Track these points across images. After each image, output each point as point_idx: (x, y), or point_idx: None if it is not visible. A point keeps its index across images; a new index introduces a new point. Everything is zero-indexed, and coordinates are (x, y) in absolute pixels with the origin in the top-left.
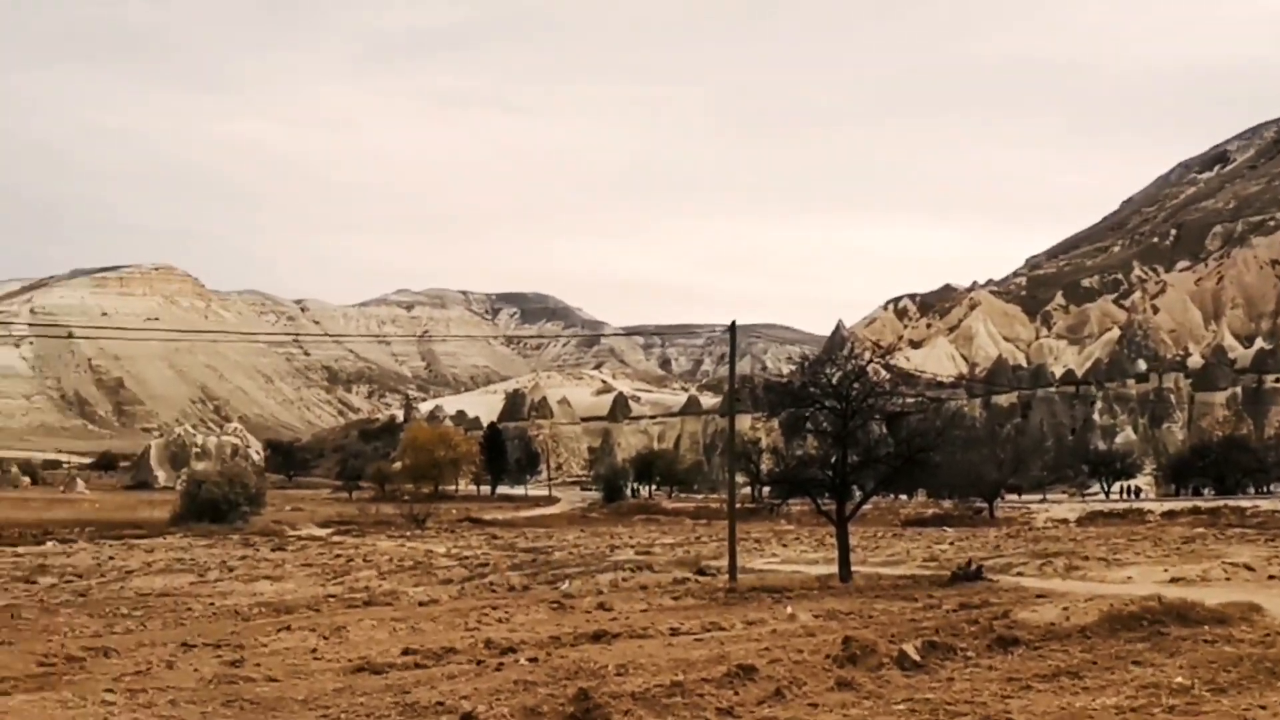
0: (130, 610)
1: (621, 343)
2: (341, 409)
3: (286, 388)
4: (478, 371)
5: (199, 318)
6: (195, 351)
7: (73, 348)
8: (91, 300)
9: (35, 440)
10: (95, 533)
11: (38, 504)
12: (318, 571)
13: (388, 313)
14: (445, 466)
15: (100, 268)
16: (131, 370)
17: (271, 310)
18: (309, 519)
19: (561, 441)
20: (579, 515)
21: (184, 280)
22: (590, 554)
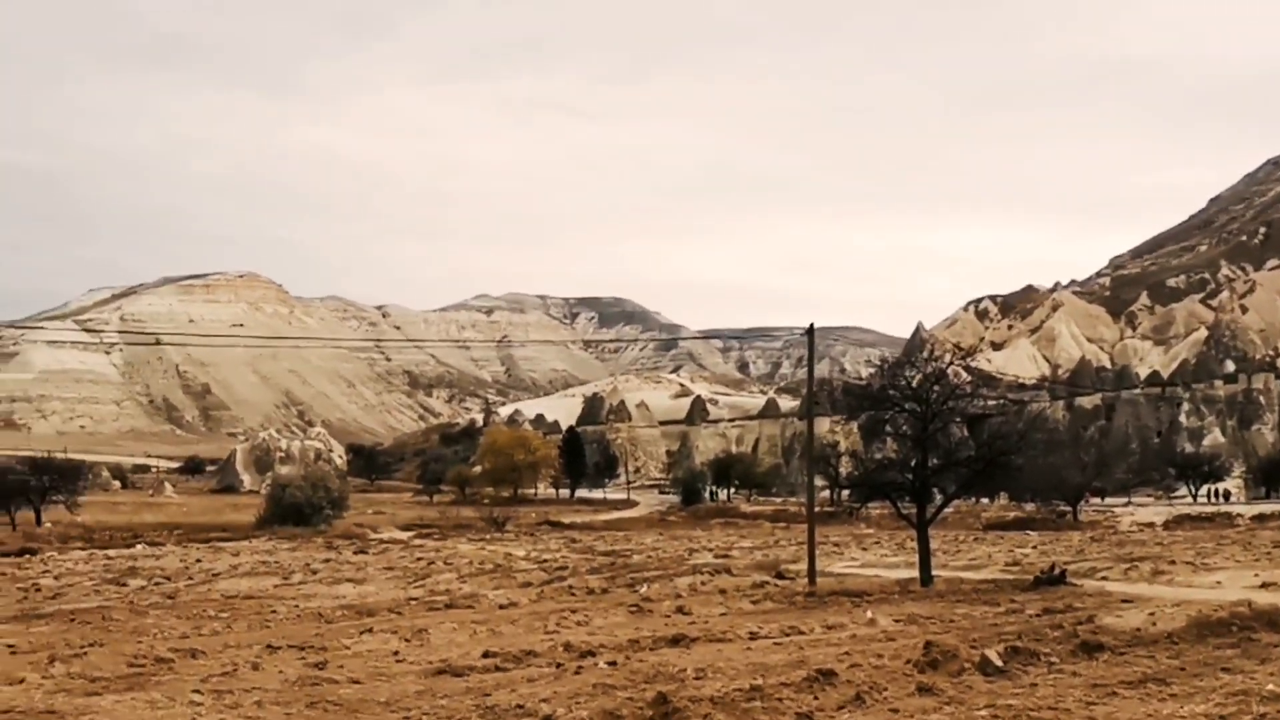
0: (217, 612)
1: (699, 346)
2: (422, 413)
3: (368, 392)
4: (556, 375)
5: (283, 324)
6: (279, 357)
7: (161, 354)
8: (179, 307)
9: (125, 445)
10: (183, 536)
11: (128, 507)
12: (399, 574)
13: (467, 318)
14: (524, 470)
15: (187, 275)
16: (217, 376)
17: (353, 316)
18: (390, 522)
19: (639, 445)
20: (657, 518)
21: (268, 287)
22: (668, 557)
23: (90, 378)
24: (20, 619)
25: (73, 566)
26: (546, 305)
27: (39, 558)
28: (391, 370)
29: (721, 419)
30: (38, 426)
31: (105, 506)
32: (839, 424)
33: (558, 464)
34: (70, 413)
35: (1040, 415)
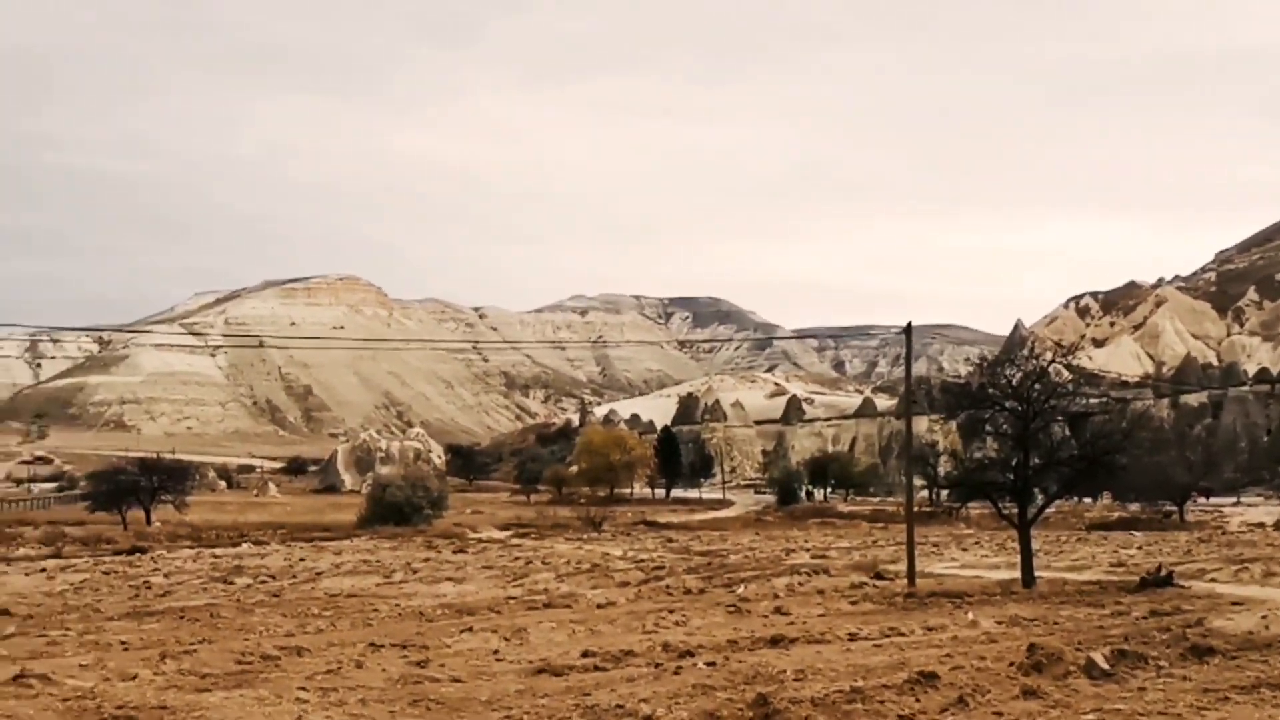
0: (320, 610)
1: (794, 345)
2: (519, 413)
3: (466, 393)
4: (651, 375)
5: (382, 326)
6: (379, 359)
7: (264, 356)
8: (281, 310)
9: (230, 445)
10: (287, 535)
11: (233, 507)
12: (498, 573)
13: (563, 318)
14: (620, 470)
15: (289, 279)
16: (319, 377)
17: (451, 318)
18: (488, 521)
19: (735, 444)
20: (753, 518)
21: (368, 290)
22: (765, 557)
23: (196, 380)
24: (132, 616)
25: (181, 565)
26: (641, 306)
27: (149, 556)
28: (488, 371)
29: (817, 418)
30: (147, 428)
31: (212, 506)
32: (937, 423)
33: (653, 464)
34: (178, 414)
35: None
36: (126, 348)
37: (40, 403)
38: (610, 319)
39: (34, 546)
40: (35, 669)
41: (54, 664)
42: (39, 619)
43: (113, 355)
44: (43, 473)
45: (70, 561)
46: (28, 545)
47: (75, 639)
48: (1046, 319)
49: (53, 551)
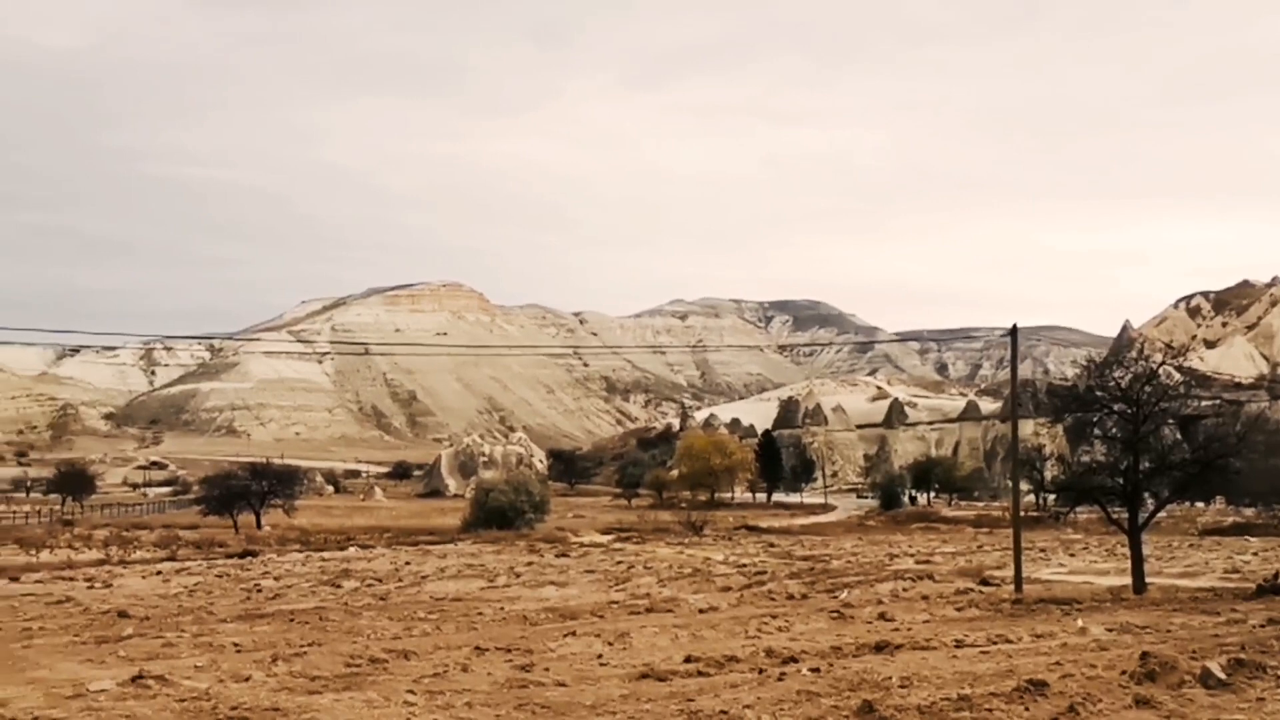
0: (426, 614)
1: (896, 348)
2: (619, 417)
3: (567, 398)
4: (751, 379)
5: (485, 332)
6: (481, 364)
7: (369, 363)
8: (386, 317)
9: (337, 450)
10: (392, 539)
11: (340, 511)
12: (600, 578)
13: (663, 323)
14: (721, 474)
15: (393, 286)
16: (423, 383)
17: (552, 323)
18: (590, 526)
19: (836, 448)
20: (856, 523)
21: (470, 296)
22: (869, 563)
23: (304, 386)
24: (244, 618)
25: (290, 568)
26: (741, 309)
27: (259, 559)
28: (589, 376)
29: (920, 422)
30: (256, 433)
31: (319, 510)
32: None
33: (754, 468)
34: (286, 420)
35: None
36: (237, 355)
37: (155, 409)
38: (710, 323)
39: (150, 550)
40: (153, 670)
41: (170, 665)
42: (155, 621)
43: (224, 363)
44: (157, 477)
45: (184, 564)
46: (144, 548)
47: (190, 641)
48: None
49: (168, 555)
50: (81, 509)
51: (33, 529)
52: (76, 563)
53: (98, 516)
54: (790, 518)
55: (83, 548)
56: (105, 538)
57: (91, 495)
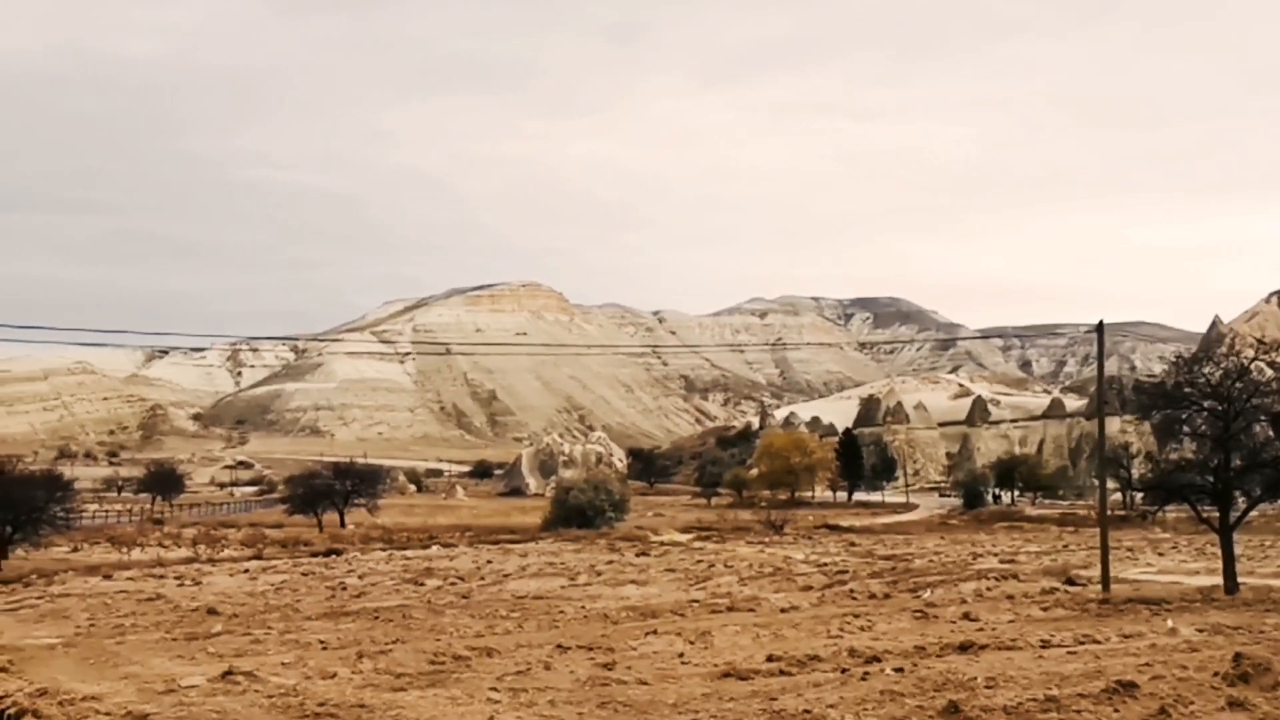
0: (508, 612)
1: (978, 345)
2: (698, 416)
3: (646, 397)
4: (831, 377)
5: (564, 331)
6: (560, 364)
7: (450, 363)
8: (466, 317)
9: (418, 450)
10: (474, 537)
11: (422, 510)
12: (680, 576)
13: (741, 321)
14: (801, 473)
15: (473, 286)
16: (503, 383)
17: (630, 323)
18: (670, 525)
19: (918, 447)
20: (938, 522)
21: (549, 296)
22: (952, 562)
23: (386, 386)
24: (330, 616)
25: (374, 566)
26: (820, 307)
27: (344, 558)
28: (668, 375)
29: (1003, 419)
30: (340, 433)
31: (402, 509)
32: (1131, 423)
33: (834, 466)
34: (369, 420)
35: None
36: (320, 356)
37: (240, 409)
38: (789, 321)
39: (237, 548)
40: (242, 666)
41: (258, 661)
42: (243, 618)
43: (307, 363)
44: (243, 477)
45: (271, 563)
46: (231, 547)
47: (277, 638)
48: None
49: (254, 553)
50: (170, 508)
51: (124, 528)
52: (166, 561)
53: (186, 515)
54: (871, 516)
55: (172, 546)
56: (194, 536)
57: (180, 494)
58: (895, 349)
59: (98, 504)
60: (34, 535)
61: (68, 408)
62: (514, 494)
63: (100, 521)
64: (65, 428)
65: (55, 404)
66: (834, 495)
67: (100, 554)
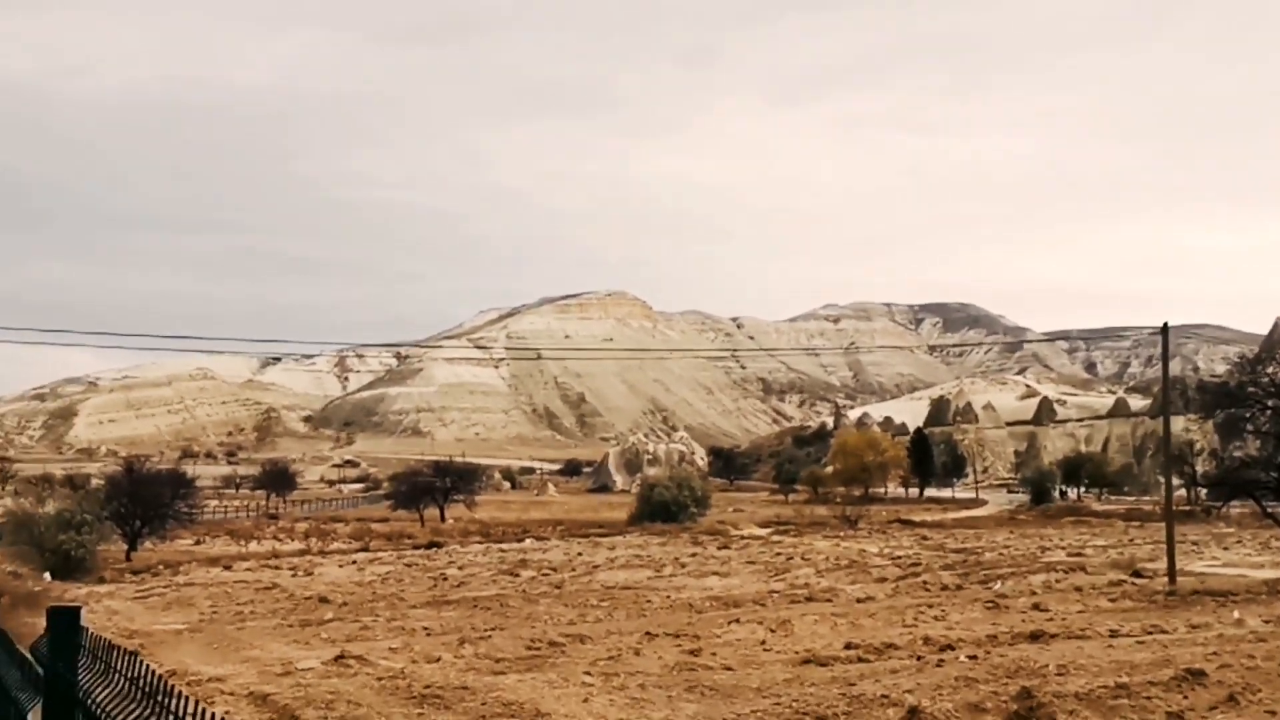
0: (598, 601)
1: (1044, 348)
2: (775, 417)
3: (725, 398)
4: (902, 379)
5: (647, 337)
6: (645, 368)
7: (542, 368)
8: (556, 325)
9: (512, 449)
10: (565, 531)
11: (517, 506)
12: (760, 568)
13: (816, 326)
14: (874, 470)
15: (563, 296)
16: (591, 386)
17: (710, 328)
18: (749, 520)
19: (987, 445)
20: (1007, 517)
21: (634, 304)
22: (1021, 555)
23: (482, 390)
24: (432, 604)
25: (473, 558)
26: (892, 312)
27: (444, 550)
28: (746, 378)
29: (1069, 419)
30: (439, 434)
31: (498, 505)
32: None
33: (906, 464)
34: (466, 421)
35: None
36: (421, 362)
37: (348, 412)
38: (862, 326)
39: (345, 541)
40: (352, 651)
41: (368, 646)
42: (353, 606)
43: (409, 369)
44: (351, 475)
45: (377, 555)
46: (340, 540)
47: (384, 625)
48: None
49: (361, 546)
50: (284, 504)
51: (242, 522)
52: (281, 553)
53: (298, 511)
54: (943, 512)
55: (286, 539)
56: (306, 530)
57: (293, 491)
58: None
59: (218, 500)
60: (160, 529)
61: (190, 411)
62: (602, 490)
63: (220, 517)
64: (188, 430)
65: (179, 408)
66: (906, 492)
67: (221, 546)
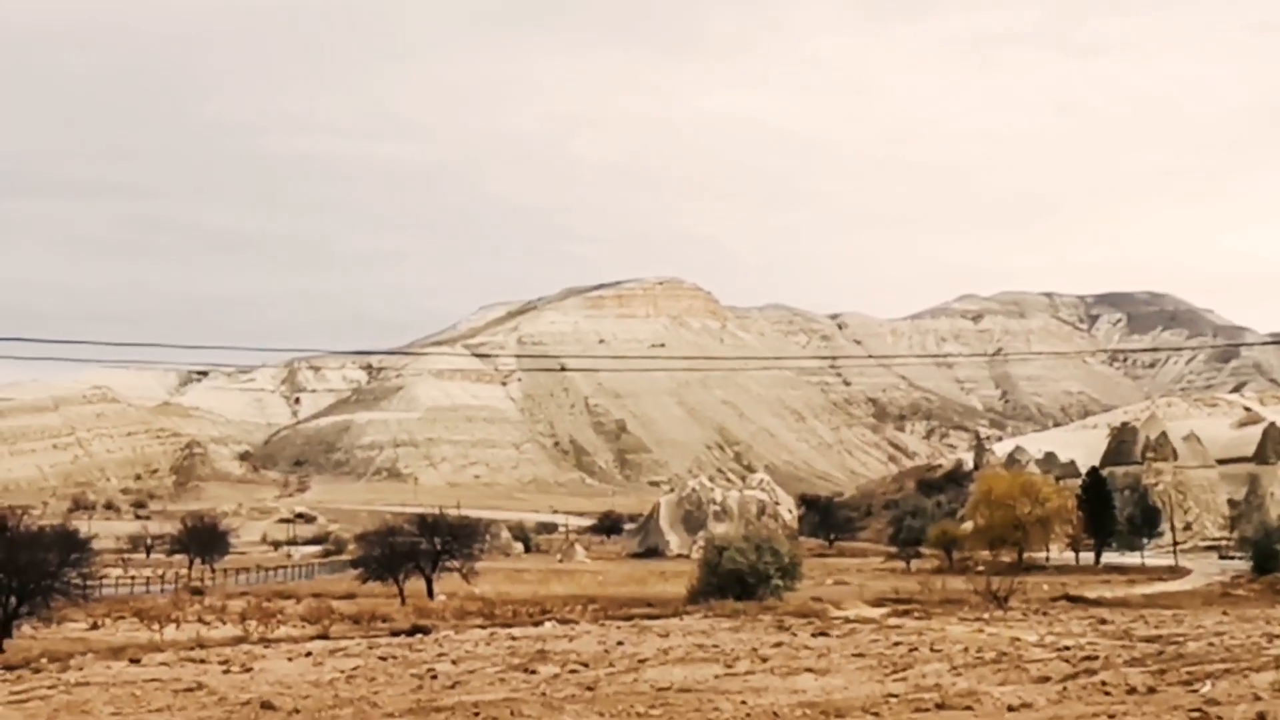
0: (647, 709)
1: (1271, 355)
2: (892, 453)
3: (822, 426)
4: (1070, 400)
5: (713, 341)
6: (709, 384)
7: (565, 384)
8: (586, 325)
9: (526, 498)
10: (599, 611)
11: (533, 576)
12: (873, 663)
13: (949, 326)
14: (1031, 527)
15: (594, 285)
16: (635, 410)
17: (801, 329)
18: (857, 595)
19: (1190, 492)
20: (1220, 592)
21: (694, 295)
22: (1239, 645)
23: (484, 415)
24: (416, 712)
25: (472, 649)
26: (1054, 306)
27: (433, 637)
28: (851, 397)
29: None
30: (425, 476)
31: (506, 574)
32: None
33: (1076, 518)
34: (462, 459)
35: None
36: (400, 377)
37: (299, 447)
38: (1013, 325)
39: (297, 625)
40: None
41: None
42: (307, 714)
43: (383, 387)
44: (304, 533)
45: (340, 644)
46: (289, 623)
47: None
48: None
49: (319, 631)
50: (213, 573)
51: (155, 599)
52: (209, 641)
53: (232, 583)
54: (1128, 585)
55: (215, 622)
56: (243, 610)
57: (224, 556)
58: (1157, 360)
59: (121, 568)
60: (44, 608)
61: (83, 445)
62: (650, 555)
63: (125, 591)
64: (81, 471)
65: (68, 441)
66: (1076, 557)
67: (126, 632)
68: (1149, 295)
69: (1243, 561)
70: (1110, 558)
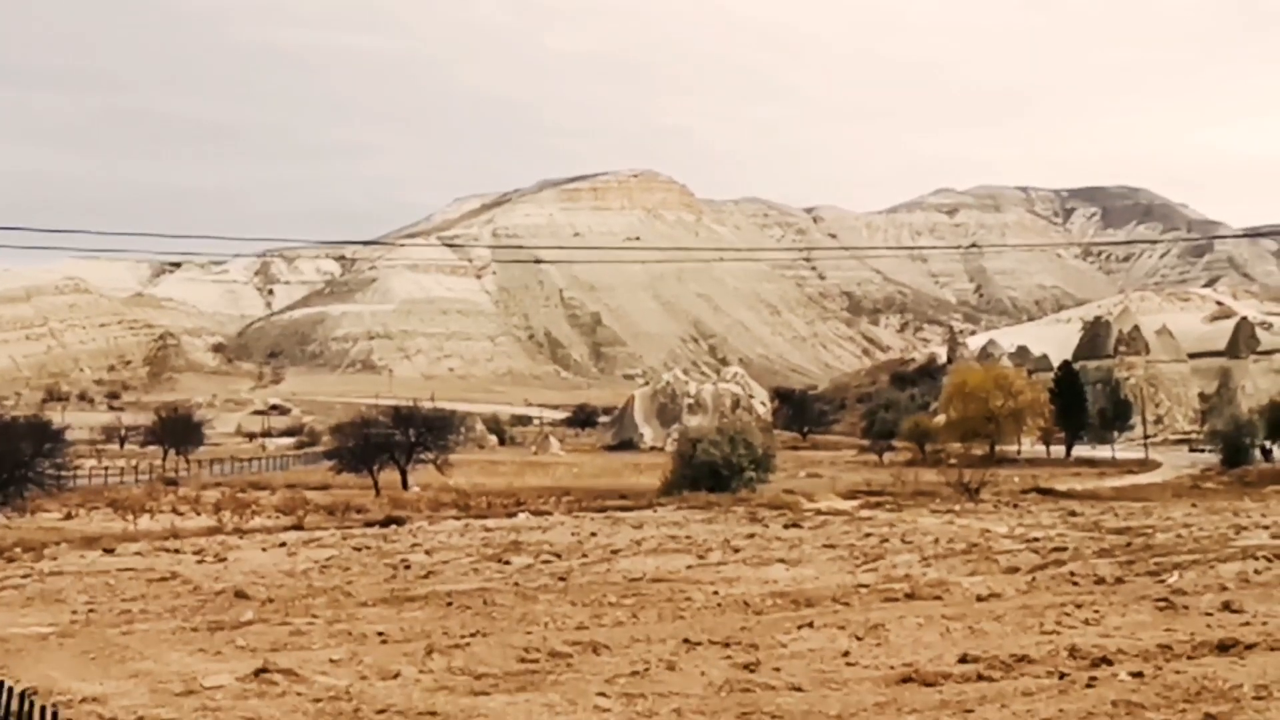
0: (619, 598)
1: (1244, 250)
2: (866, 346)
3: (796, 320)
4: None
5: (688, 234)
6: (684, 277)
7: (541, 277)
8: (561, 218)
9: (502, 391)
10: (573, 503)
11: (507, 468)
12: (844, 554)
13: (924, 220)
14: (1003, 420)
15: (570, 178)
16: (609, 303)
17: (777, 222)
18: (829, 488)
19: (1161, 386)
20: (1188, 484)
21: (669, 188)
22: (1207, 536)
23: (459, 308)
24: (390, 602)
25: (446, 539)
26: (1030, 200)
27: (407, 528)
28: (826, 291)
29: (1277, 349)
30: (400, 369)
31: (481, 467)
32: None
33: (1048, 412)
34: (437, 351)
35: None
36: (374, 269)
37: (273, 338)
38: (988, 219)
39: (271, 515)
40: (279, 663)
41: (300, 657)
42: (281, 603)
43: (357, 279)
44: (278, 425)
45: (314, 534)
46: (264, 514)
47: (324, 628)
48: None
49: (293, 522)
50: (187, 464)
51: (129, 489)
52: (183, 531)
53: (207, 474)
54: (1098, 478)
55: (190, 512)
56: (217, 500)
57: (199, 447)
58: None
59: (96, 459)
60: (18, 498)
61: (56, 336)
62: (625, 447)
63: (99, 481)
64: (54, 362)
65: (41, 331)
66: (1047, 450)
67: (100, 522)
68: (1124, 190)
69: (1213, 455)
70: (1081, 451)
